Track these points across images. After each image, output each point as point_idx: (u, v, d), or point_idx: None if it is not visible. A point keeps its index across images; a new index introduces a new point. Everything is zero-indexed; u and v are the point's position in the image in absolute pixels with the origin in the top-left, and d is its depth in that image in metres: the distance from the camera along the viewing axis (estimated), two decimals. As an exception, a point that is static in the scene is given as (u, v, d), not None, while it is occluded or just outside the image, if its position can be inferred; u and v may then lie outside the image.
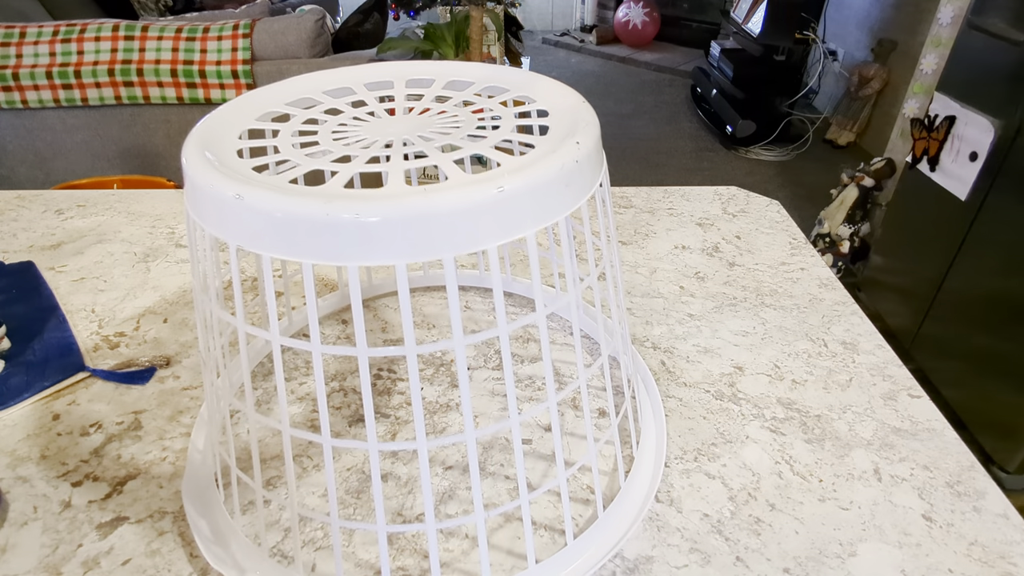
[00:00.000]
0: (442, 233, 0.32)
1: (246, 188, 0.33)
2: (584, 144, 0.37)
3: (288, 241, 0.32)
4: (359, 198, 0.31)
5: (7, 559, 0.43)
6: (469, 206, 0.32)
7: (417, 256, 0.32)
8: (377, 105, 0.48)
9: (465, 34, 2.08)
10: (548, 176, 0.34)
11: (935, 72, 2.18)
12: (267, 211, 0.32)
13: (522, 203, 0.33)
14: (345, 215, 0.31)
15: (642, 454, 0.51)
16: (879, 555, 0.44)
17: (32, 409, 0.56)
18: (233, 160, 0.37)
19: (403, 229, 0.31)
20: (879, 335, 0.66)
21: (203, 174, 0.35)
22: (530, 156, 0.36)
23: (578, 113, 0.42)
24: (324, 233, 0.31)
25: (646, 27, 4.41)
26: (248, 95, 0.46)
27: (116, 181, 1.19)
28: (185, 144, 0.39)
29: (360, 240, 0.31)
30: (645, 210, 0.90)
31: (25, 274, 0.74)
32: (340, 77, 0.51)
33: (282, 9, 2.20)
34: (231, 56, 1.77)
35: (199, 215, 0.36)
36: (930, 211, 1.60)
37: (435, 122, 0.44)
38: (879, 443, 0.53)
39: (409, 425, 0.55)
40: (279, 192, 0.32)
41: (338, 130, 0.43)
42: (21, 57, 1.78)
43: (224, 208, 0.33)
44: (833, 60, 3.24)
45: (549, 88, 0.47)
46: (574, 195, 0.37)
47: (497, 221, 0.33)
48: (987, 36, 1.44)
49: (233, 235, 0.34)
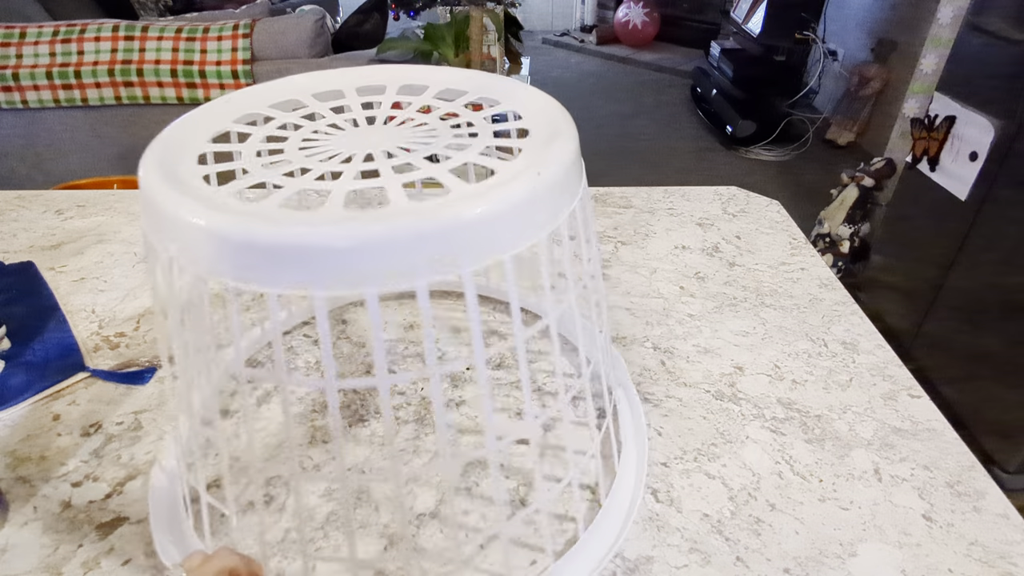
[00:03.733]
0: (366, 265, 0.30)
1: (190, 204, 0.32)
2: (552, 169, 0.35)
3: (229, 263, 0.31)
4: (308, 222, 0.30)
5: (7, 559, 0.43)
6: (399, 236, 0.30)
7: (387, 285, 0.31)
8: (360, 112, 0.46)
9: (465, 34, 2.08)
10: (509, 202, 0.33)
11: (935, 72, 2.18)
12: (213, 231, 0.31)
13: (465, 233, 0.31)
14: (290, 236, 0.29)
15: (622, 473, 0.49)
16: (879, 555, 0.44)
17: (32, 409, 0.56)
18: (190, 168, 0.36)
19: (325, 257, 0.30)
20: (879, 335, 0.66)
21: (157, 187, 0.33)
22: (492, 181, 0.35)
23: (557, 132, 0.40)
24: (265, 256, 0.30)
25: (646, 27, 4.41)
26: (230, 96, 0.46)
27: (116, 181, 1.19)
28: (145, 152, 0.37)
29: (324, 265, 0.30)
30: (645, 210, 0.90)
31: (25, 274, 0.74)
32: (333, 79, 0.49)
33: (282, 9, 2.20)
34: (231, 56, 1.77)
35: (155, 232, 0.35)
36: (930, 211, 1.60)
37: (411, 135, 0.42)
38: (879, 443, 0.53)
39: (408, 425, 0.55)
40: (207, 208, 0.31)
41: (309, 139, 0.42)
42: (21, 57, 1.78)
43: (173, 225, 0.32)
44: (833, 60, 3.24)
45: (538, 103, 0.45)
46: (546, 217, 0.35)
47: (429, 254, 0.31)
48: (987, 36, 1.44)
49: (182, 253, 0.33)
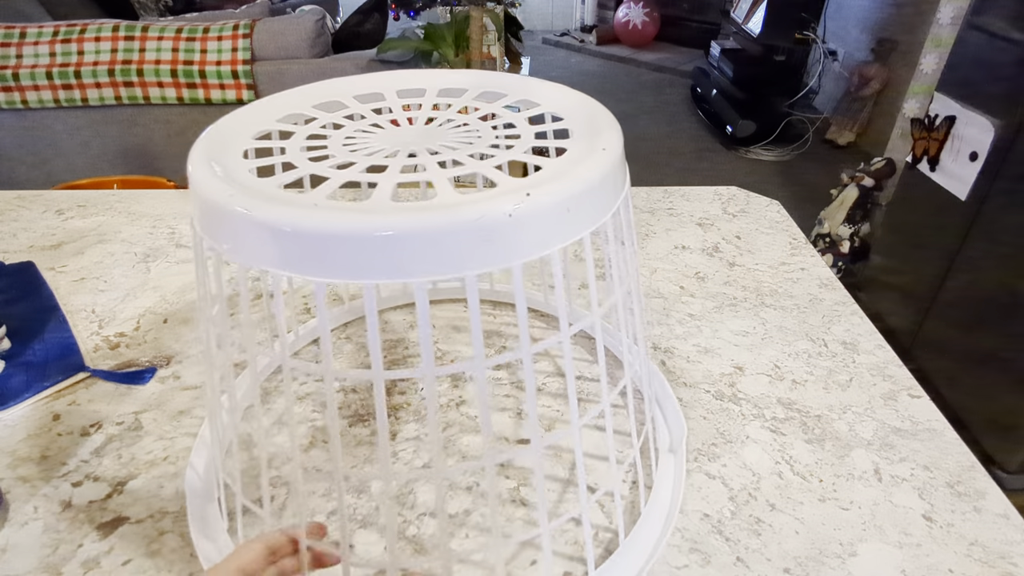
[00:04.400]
0: (417, 255, 0.31)
1: (243, 199, 0.32)
2: (592, 170, 0.36)
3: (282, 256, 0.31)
4: (357, 210, 0.31)
5: (8, 559, 0.43)
6: (448, 229, 0.31)
7: (437, 273, 0.31)
8: (401, 113, 0.48)
9: (465, 34, 2.08)
10: (548, 202, 0.33)
11: (935, 72, 2.18)
12: (268, 223, 0.31)
13: (513, 230, 0.32)
14: (342, 226, 0.30)
15: (659, 485, 0.49)
16: (879, 555, 0.44)
17: (32, 409, 0.56)
18: (237, 162, 0.37)
19: (375, 246, 0.30)
20: (879, 335, 0.66)
21: (209, 184, 0.34)
22: (532, 178, 0.35)
23: (598, 128, 0.41)
24: (327, 246, 0.31)
25: (646, 27, 4.41)
26: (273, 97, 0.47)
27: (116, 181, 1.19)
28: (193, 148, 0.38)
29: (375, 255, 0.31)
30: (645, 210, 0.90)
31: (25, 274, 0.74)
32: (373, 82, 0.51)
33: (282, 9, 2.20)
34: (231, 56, 1.77)
35: (205, 229, 0.35)
36: (930, 211, 1.59)
37: (453, 134, 0.44)
38: (879, 443, 0.53)
39: (409, 425, 0.55)
40: (250, 198, 0.32)
41: (353, 136, 0.43)
42: (21, 57, 1.78)
43: (225, 219, 0.33)
44: (833, 60, 3.24)
45: (577, 105, 0.46)
46: (577, 223, 0.36)
47: (481, 248, 0.32)
48: (987, 36, 1.44)
49: (233, 248, 0.33)
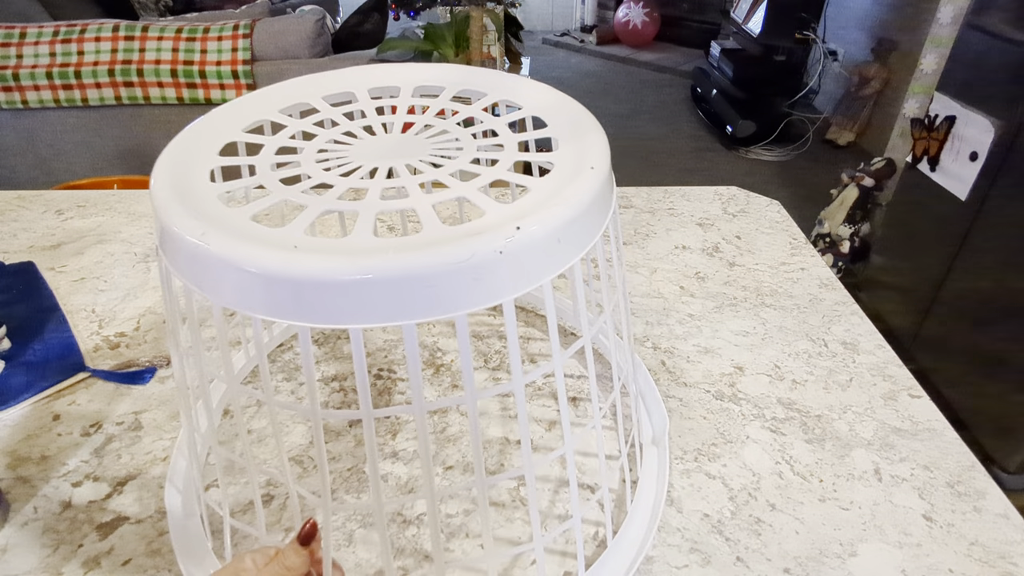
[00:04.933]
0: (404, 298, 0.29)
1: (219, 239, 0.31)
2: (581, 192, 0.34)
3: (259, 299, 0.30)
4: (314, 254, 0.29)
5: (8, 559, 0.43)
6: (437, 271, 0.29)
7: (372, 321, 0.29)
8: (375, 119, 0.45)
9: (465, 34, 2.08)
10: (539, 234, 0.31)
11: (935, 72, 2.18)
12: (217, 257, 0.30)
13: (503, 265, 0.30)
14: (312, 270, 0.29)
15: (636, 507, 0.48)
16: (879, 555, 0.44)
17: (32, 409, 0.56)
18: (203, 186, 0.35)
19: (359, 291, 0.29)
20: (879, 335, 0.66)
21: (168, 207, 0.32)
22: (519, 205, 0.33)
23: (585, 143, 0.39)
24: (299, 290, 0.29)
25: (646, 27, 4.41)
26: (238, 101, 0.45)
27: (116, 181, 1.19)
28: (155, 169, 0.36)
29: (309, 298, 0.29)
30: (645, 210, 0.90)
31: (25, 274, 0.74)
32: (343, 80, 0.49)
33: (282, 9, 2.20)
34: (231, 56, 1.77)
35: (164, 251, 0.34)
36: (930, 211, 1.60)
37: (432, 145, 0.41)
38: (879, 443, 0.53)
39: (410, 425, 0.55)
40: (228, 236, 0.30)
41: (325, 149, 0.40)
42: (21, 57, 1.78)
43: (199, 261, 0.32)
44: (833, 60, 3.24)
45: (562, 107, 0.44)
46: (567, 251, 0.34)
47: (469, 287, 0.30)
48: (987, 36, 1.44)
49: (211, 292, 0.32)
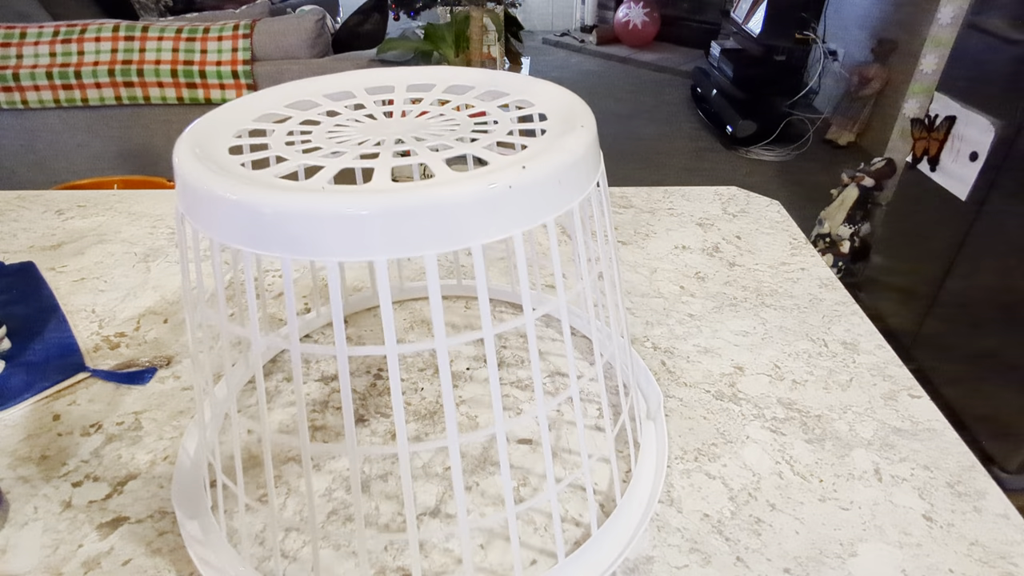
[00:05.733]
0: (426, 229, 0.32)
1: (231, 184, 0.33)
2: (577, 144, 0.37)
3: (269, 237, 0.32)
4: (342, 192, 0.31)
5: (8, 559, 0.43)
6: (456, 202, 0.32)
7: (399, 252, 0.32)
8: (376, 108, 0.47)
9: (465, 34, 2.08)
10: (541, 174, 0.34)
11: (935, 72, 2.18)
12: (250, 206, 0.32)
13: (512, 200, 0.33)
14: (324, 207, 0.31)
15: (640, 470, 0.49)
16: (879, 555, 0.44)
17: (32, 409, 0.56)
18: (224, 157, 0.37)
19: (385, 224, 0.31)
20: (879, 335, 0.66)
21: (194, 171, 0.34)
22: (522, 154, 0.36)
23: (573, 112, 0.42)
24: (306, 226, 0.31)
25: (646, 27, 4.41)
26: (246, 98, 0.46)
27: (116, 181, 1.19)
28: (177, 143, 0.39)
29: (339, 234, 0.31)
30: (645, 210, 0.90)
31: (25, 274, 0.74)
32: (340, 81, 0.50)
33: (282, 9, 2.20)
34: (231, 56, 1.77)
35: (193, 215, 0.36)
36: (930, 211, 1.60)
37: (432, 124, 0.44)
38: (879, 443, 0.53)
39: (410, 425, 0.55)
40: (259, 187, 0.32)
41: (334, 130, 0.43)
42: (21, 57, 1.78)
43: (211, 205, 0.33)
44: (833, 60, 3.24)
45: (546, 90, 0.47)
46: (567, 194, 0.36)
47: (485, 219, 0.33)
48: (987, 36, 1.44)
49: (220, 232, 0.34)
